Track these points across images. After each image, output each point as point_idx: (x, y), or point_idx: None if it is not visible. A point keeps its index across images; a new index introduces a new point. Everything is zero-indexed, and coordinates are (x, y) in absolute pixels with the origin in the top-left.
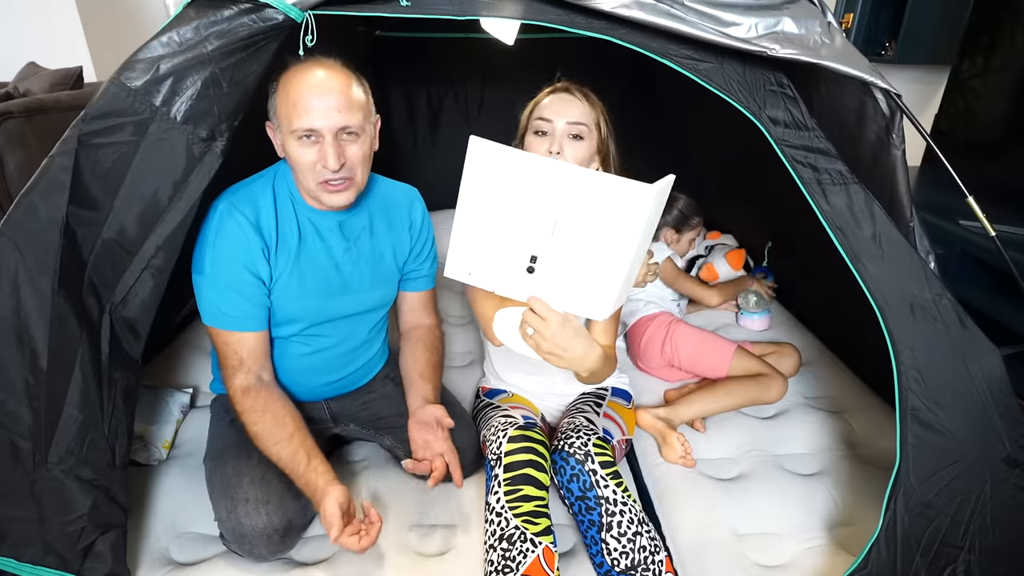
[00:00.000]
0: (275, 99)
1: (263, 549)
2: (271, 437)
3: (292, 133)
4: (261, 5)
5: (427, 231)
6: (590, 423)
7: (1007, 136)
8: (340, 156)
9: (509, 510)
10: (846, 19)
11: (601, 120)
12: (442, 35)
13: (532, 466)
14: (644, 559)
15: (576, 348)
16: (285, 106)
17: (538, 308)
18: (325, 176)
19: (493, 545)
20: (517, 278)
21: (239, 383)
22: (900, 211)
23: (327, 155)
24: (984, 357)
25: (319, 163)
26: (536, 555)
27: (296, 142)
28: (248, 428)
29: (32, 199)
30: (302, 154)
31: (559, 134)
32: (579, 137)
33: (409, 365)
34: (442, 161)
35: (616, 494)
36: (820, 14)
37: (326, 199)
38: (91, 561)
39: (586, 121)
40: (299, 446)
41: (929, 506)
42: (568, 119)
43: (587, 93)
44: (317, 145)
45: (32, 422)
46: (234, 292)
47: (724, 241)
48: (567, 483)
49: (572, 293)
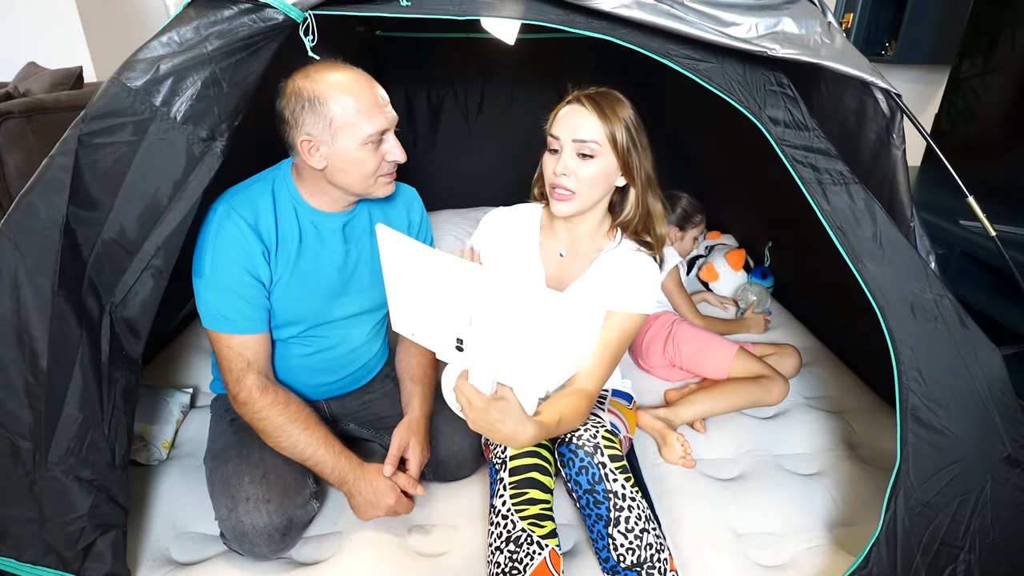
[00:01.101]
0: (322, 109)
1: (264, 548)
2: (300, 424)
3: (365, 138)
4: (261, 5)
5: (426, 231)
6: (597, 416)
7: (1007, 136)
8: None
9: (515, 513)
10: (846, 19)
11: (620, 133)
12: (442, 35)
13: (537, 470)
14: (650, 556)
15: (503, 429)
16: (347, 115)
17: (465, 390)
18: (388, 170)
19: (499, 548)
20: (451, 350)
21: (253, 383)
22: (900, 211)
23: (396, 150)
24: (984, 357)
25: (385, 158)
26: (543, 557)
27: (365, 148)
28: (270, 422)
29: (32, 199)
30: (370, 158)
31: (565, 154)
32: (588, 156)
33: (402, 368)
34: (442, 161)
35: (625, 489)
36: (820, 14)
37: (384, 191)
38: (91, 561)
39: (596, 138)
40: (327, 433)
41: (929, 506)
42: (575, 136)
43: (601, 104)
44: (381, 143)
45: (32, 422)
46: (234, 295)
47: (724, 241)
48: (575, 476)
49: (506, 370)
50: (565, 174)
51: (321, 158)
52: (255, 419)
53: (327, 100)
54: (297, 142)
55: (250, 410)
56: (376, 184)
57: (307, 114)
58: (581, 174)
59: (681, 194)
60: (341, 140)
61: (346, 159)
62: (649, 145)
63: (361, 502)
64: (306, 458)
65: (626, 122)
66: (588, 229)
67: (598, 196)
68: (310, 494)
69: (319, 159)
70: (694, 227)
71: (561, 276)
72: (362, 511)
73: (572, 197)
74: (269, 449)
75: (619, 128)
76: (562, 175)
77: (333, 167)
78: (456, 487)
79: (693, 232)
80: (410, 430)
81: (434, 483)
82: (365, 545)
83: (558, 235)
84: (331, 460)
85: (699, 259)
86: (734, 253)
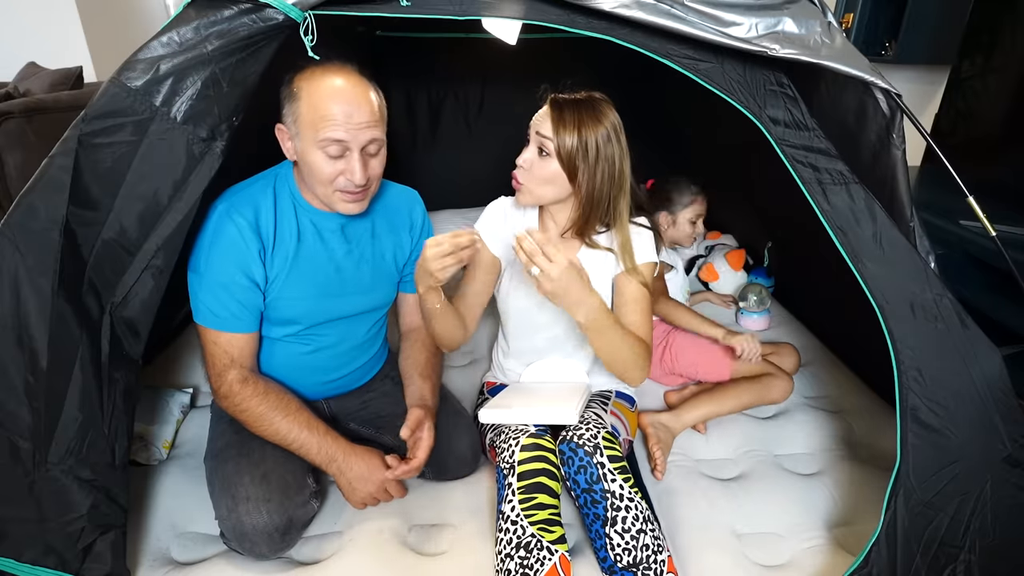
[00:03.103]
0: (295, 105)
1: (264, 547)
2: (280, 411)
3: (318, 143)
4: (261, 5)
5: (427, 233)
6: (599, 418)
7: (1007, 136)
8: (365, 170)
9: (524, 518)
10: (846, 19)
11: (570, 142)
12: (442, 35)
13: (545, 475)
14: (646, 558)
15: (573, 291)
16: (310, 114)
17: (548, 250)
18: (346, 187)
19: (510, 554)
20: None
21: (233, 377)
22: (900, 211)
23: (354, 170)
24: (984, 357)
25: (343, 175)
26: (553, 563)
27: (319, 151)
28: (251, 412)
29: (32, 199)
30: (324, 164)
31: (529, 147)
32: (547, 154)
33: (408, 365)
34: (442, 161)
35: (623, 489)
36: (820, 14)
37: (341, 207)
38: (91, 561)
39: (552, 137)
40: (310, 416)
41: (929, 506)
42: (539, 130)
43: (564, 111)
44: (342, 157)
45: (32, 422)
46: (226, 293)
47: (724, 241)
48: (574, 474)
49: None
50: (521, 166)
51: (291, 151)
52: (236, 411)
53: (302, 97)
54: (276, 127)
55: (232, 403)
56: (334, 198)
57: (287, 104)
58: (533, 170)
59: (666, 178)
60: (301, 138)
61: (304, 159)
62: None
63: (353, 477)
64: (290, 443)
65: (584, 136)
66: (561, 225)
67: (550, 195)
68: (310, 493)
69: (290, 151)
70: (685, 208)
71: None
72: (354, 488)
73: (524, 188)
74: (269, 448)
75: (570, 137)
76: (520, 167)
77: (301, 164)
78: (456, 486)
79: (687, 214)
80: (425, 412)
81: (434, 482)
82: (365, 544)
83: (545, 226)
84: (316, 441)
85: (699, 259)
86: (734, 253)
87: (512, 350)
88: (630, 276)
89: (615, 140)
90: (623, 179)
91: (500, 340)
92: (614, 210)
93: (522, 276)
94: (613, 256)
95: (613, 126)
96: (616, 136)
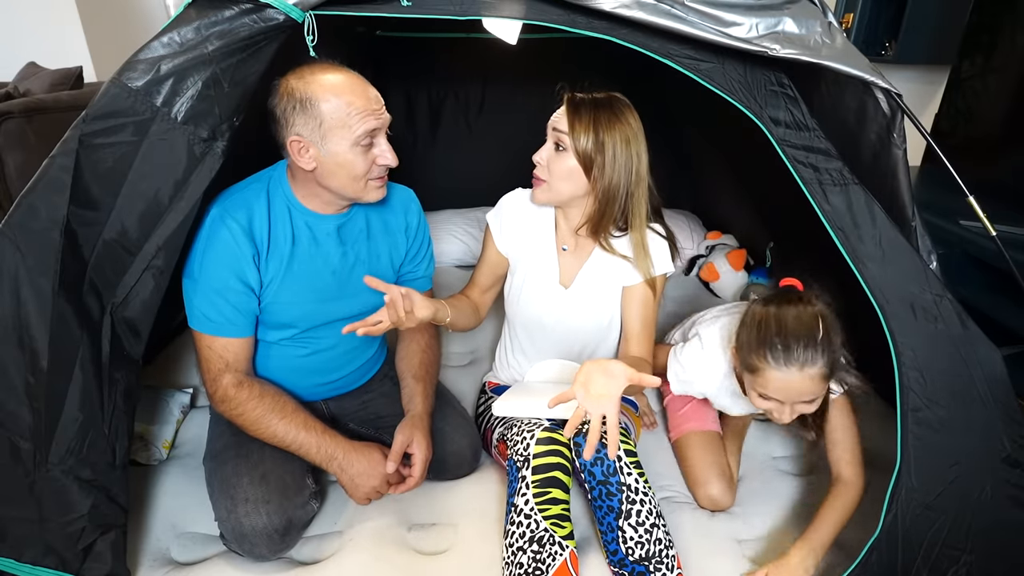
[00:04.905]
0: (312, 111)
1: (263, 548)
2: (277, 413)
3: (355, 139)
4: (262, 5)
5: (423, 233)
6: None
7: (1007, 136)
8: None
9: (538, 512)
10: (846, 19)
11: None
12: (442, 35)
13: (559, 469)
14: (659, 551)
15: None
16: (337, 115)
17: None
18: (379, 173)
19: (522, 547)
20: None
21: (228, 381)
22: (901, 211)
23: (386, 152)
24: (984, 357)
25: (376, 161)
26: (564, 558)
27: (355, 148)
28: (248, 416)
29: (32, 199)
30: (359, 160)
31: (547, 143)
32: (564, 149)
33: (403, 366)
34: (442, 161)
35: (638, 483)
36: (820, 14)
37: (374, 195)
38: (91, 561)
39: (567, 131)
40: (307, 416)
41: (929, 507)
42: (556, 126)
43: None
44: (371, 147)
45: (32, 422)
46: (221, 298)
47: (725, 241)
48: (590, 466)
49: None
50: (539, 162)
51: (310, 159)
52: (233, 415)
53: (318, 101)
54: (287, 142)
55: (228, 407)
56: (367, 188)
57: (298, 115)
58: (551, 166)
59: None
60: (331, 141)
61: (335, 161)
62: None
63: (355, 473)
64: (288, 444)
65: (599, 131)
66: (575, 223)
67: (568, 191)
68: (310, 494)
69: (308, 160)
70: None
71: (566, 270)
72: (356, 485)
73: (543, 185)
74: (268, 450)
75: (586, 132)
76: (539, 163)
77: (323, 169)
78: (456, 485)
79: None
80: (414, 426)
81: (434, 482)
82: (365, 544)
83: (560, 229)
84: (314, 441)
85: (700, 259)
86: (735, 253)
87: (517, 349)
88: (634, 292)
89: (632, 139)
90: (640, 178)
91: (505, 338)
92: (631, 210)
93: (530, 278)
94: (626, 264)
95: (630, 125)
96: (634, 135)
